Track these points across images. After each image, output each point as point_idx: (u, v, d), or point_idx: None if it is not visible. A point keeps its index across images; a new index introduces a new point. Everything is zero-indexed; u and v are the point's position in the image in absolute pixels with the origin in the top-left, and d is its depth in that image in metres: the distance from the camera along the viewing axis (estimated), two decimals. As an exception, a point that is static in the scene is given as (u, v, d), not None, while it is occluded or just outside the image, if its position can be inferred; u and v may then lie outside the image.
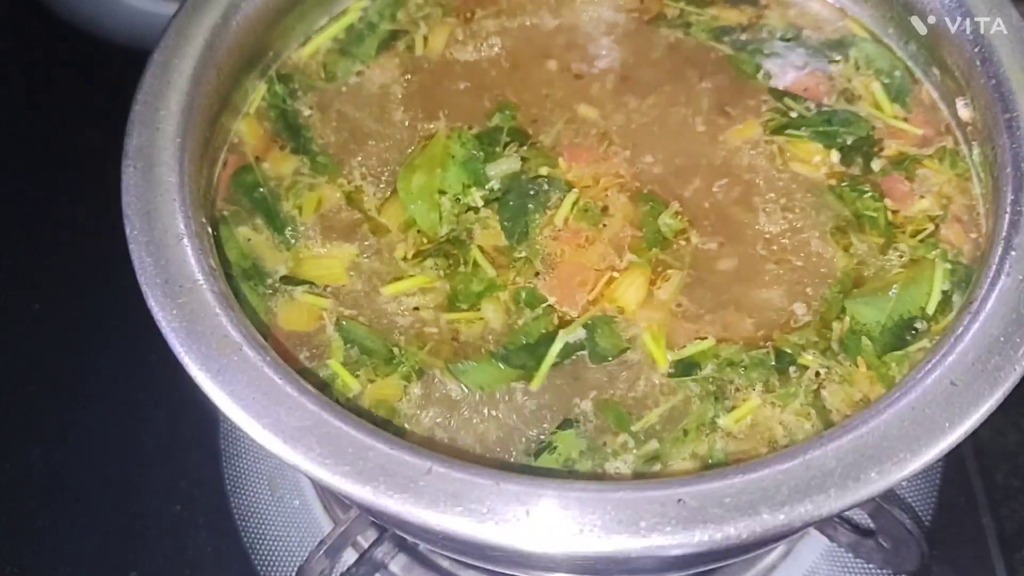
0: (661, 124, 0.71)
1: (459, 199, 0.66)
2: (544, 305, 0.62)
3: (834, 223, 0.65)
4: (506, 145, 0.68)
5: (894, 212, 0.66)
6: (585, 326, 0.61)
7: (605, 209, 0.66)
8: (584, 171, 0.68)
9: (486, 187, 0.66)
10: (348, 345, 0.61)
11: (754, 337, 0.61)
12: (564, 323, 0.62)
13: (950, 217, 0.65)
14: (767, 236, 0.65)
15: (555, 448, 0.57)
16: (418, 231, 0.65)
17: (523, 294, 0.62)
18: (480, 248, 0.64)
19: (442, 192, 0.66)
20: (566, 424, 0.58)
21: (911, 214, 0.66)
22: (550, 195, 0.67)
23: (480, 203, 0.66)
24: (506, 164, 0.67)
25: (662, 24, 0.76)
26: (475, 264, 0.64)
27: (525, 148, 0.69)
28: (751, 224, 0.66)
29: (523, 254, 0.64)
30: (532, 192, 0.66)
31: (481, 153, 0.67)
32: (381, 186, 0.68)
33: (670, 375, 0.60)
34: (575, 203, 0.66)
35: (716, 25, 0.76)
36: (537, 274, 0.63)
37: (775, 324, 0.62)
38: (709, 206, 0.67)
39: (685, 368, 0.60)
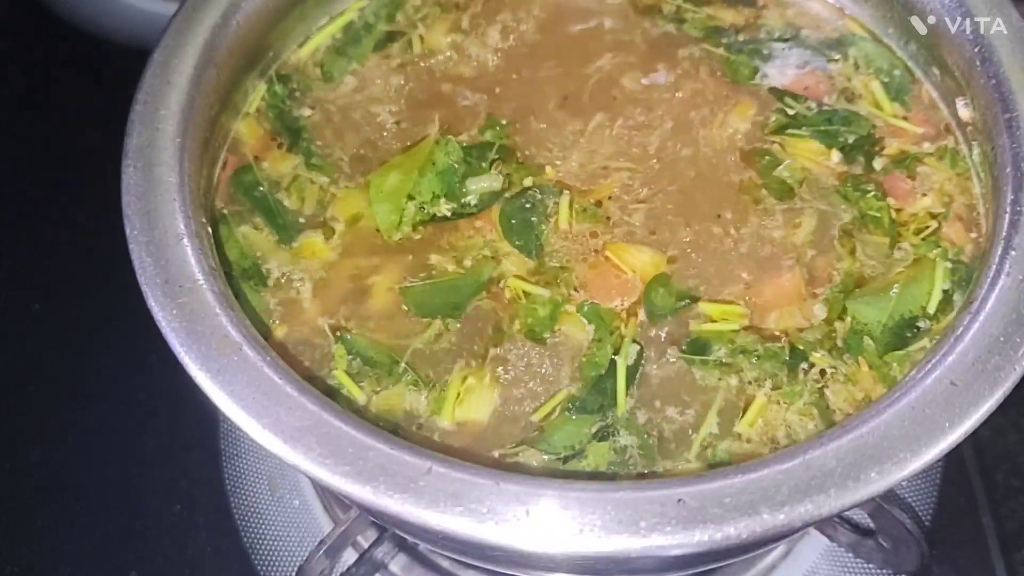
0: (651, 122, 0.71)
1: (424, 207, 0.65)
2: (612, 320, 0.61)
3: (841, 225, 0.65)
4: (493, 162, 0.68)
5: (897, 210, 0.66)
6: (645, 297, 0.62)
7: (599, 203, 0.66)
8: (571, 174, 0.68)
9: (462, 201, 0.66)
10: (351, 356, 0.61)
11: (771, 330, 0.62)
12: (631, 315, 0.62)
13: (952, 215, 0.65)
14: (772, 234, 0.66)
15: (586, 456, 0.57)
16: (376, 230, 0.65)
17: (585, 306, 0.62)
18: (517, 277, 0.64)
19: (411, 197, 0.65)
20: (603, 435, 0.58)
21: (914, 211, 0.66)
22: (546, 202, 0.66)
23: (447, 213, 0.65)
24: (487, 181, 0.67)
25: (657, 17, 0.77)
26: (526, 293, 0.63)
27: (512, 165, 0.68)
28: (757, 223, 0.66)
29: (556, 264, 0.64)
30: (528, 205, 0.66)
31: (462, 166, 0.66)
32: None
33: (682, 351, 0.60)
34: (571, 203, 0.66)
35: (711, 24, 0.76)
36: (577, 289, 0.63)
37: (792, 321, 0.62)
38: (709, 206, 0.67)
39: (698, 348, 0.61)
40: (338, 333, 0.62)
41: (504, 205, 0.66)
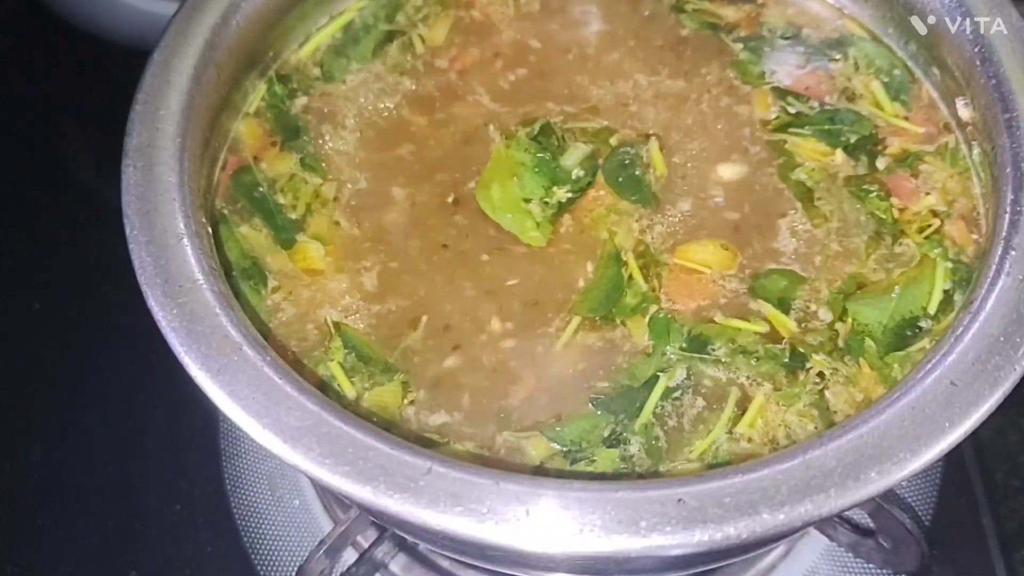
0: (669, 110, 0.72)
1: (547, 202, 0.66)
2: (677, 339, 0.61)
3: (875, 228, 0.65)
4: (563, 137, 0.69)
5: (901, 210, 0.66)
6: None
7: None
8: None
9: (572, 177, 0.67)
10: (347, 351, 0.61)
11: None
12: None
13: (955, 215, 0.65)
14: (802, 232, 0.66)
15: (594, 461, 0.57)
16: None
17: (660, 314, 0.62)
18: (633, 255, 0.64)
19: (527, 200, 0.66)
20: (614, 442, 0.58)
21: (918, 209, 0.66)
22: (640, 154, 0.68)
23: (566, 198, 0.66)
24: (578, 152, 0.68)
25: (655, 8, 0.77)
26: (631, 276, 0.63)
27: (586, 135, 0.69)
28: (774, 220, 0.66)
29: (658, 258, 0.64)
30: (627, 161, 0.68)
31: (547, 154, 0.67)
32: (363, 187, 0.68)
33: (681, 348, 0.60)
34: (660, 148, 0.68)
35: (709, 21, 0.76)
36: (656, 289, 0.63)
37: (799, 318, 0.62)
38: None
39: (697, 345, 0.61)
40: (338, 325, 0.62)
41: (604, 167, 0.68)
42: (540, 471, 0.57)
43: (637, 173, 0.67)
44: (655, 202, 0.66)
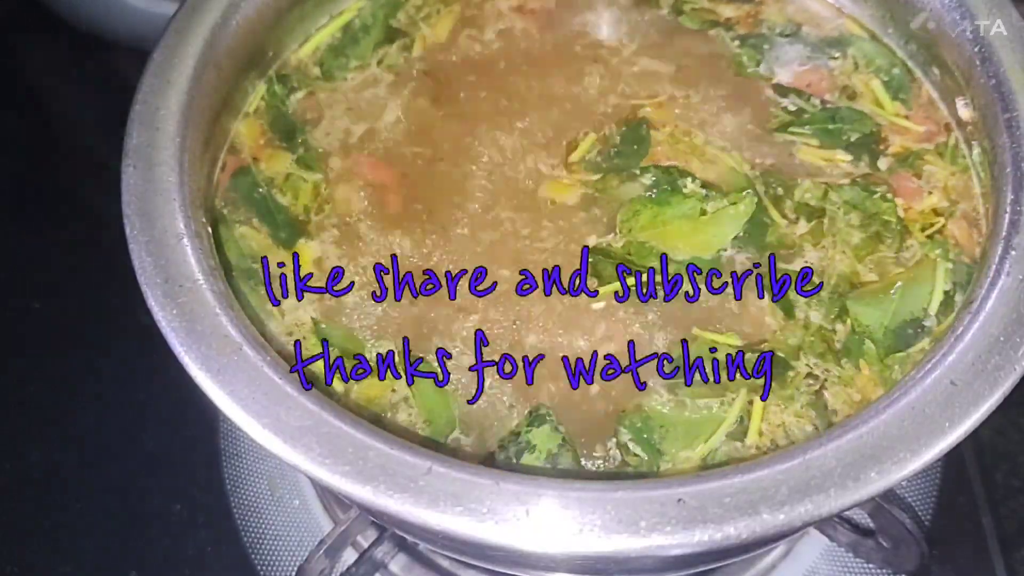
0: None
1: (696, 191, 0.66)
2: None
3: (875, 230, 0.65)
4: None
5: (906, 209, 0.66)
6: None
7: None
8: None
9: (647, 183, 0.67)
10: (331, 347, 0.61)
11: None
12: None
13: (958, 214, 0.65)
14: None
15: (533, 447, 0.57)
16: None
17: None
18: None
19: (703, 212, 0.64)
20: (536, 420, 0.58)
21: (922, 208, 0.66)
22: (637, 128, 0.70)
23: (690, 187, 0.66)
24: (631, 184, 0.67)
25: (655, 8, 0.77)
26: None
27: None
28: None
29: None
30: (637, 132, 0.69)
31: (638, 203, 0.66)
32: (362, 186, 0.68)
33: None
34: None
35: (709, 18, 0.76)
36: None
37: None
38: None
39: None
40: (317, 323, 0.62)
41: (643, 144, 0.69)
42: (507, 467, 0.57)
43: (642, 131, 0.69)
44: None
